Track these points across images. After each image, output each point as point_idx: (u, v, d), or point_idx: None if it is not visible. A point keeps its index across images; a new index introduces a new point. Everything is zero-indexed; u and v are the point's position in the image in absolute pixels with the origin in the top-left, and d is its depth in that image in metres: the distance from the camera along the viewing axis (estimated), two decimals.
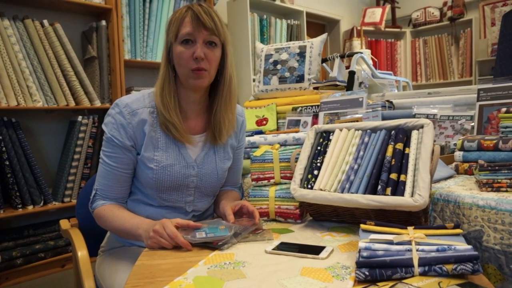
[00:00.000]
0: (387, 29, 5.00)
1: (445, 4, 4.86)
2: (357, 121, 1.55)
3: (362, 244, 0.74)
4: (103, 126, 1.09)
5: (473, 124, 1.44)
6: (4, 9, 2.22)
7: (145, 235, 0.97)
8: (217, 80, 1.12)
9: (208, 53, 1.05)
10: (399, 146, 0.95)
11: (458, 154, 1.22)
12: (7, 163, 2.12)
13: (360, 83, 2.37)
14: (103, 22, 2.52)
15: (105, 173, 1.08)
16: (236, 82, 1.15)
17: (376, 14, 4.91)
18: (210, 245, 0.90)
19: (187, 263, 0.82)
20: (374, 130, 1.03)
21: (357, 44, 4.63)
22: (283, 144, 1.54)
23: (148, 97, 1.11)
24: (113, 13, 2.52)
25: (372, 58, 2.99)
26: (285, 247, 0.87)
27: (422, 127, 0.97)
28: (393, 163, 0.93)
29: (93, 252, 1.24)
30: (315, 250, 0.84)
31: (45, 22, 2.31)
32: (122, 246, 1.18)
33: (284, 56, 2.15)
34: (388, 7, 5.02)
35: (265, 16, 3.65)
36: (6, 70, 2.11)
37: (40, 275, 2.25)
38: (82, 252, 1.10)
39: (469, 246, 0.68)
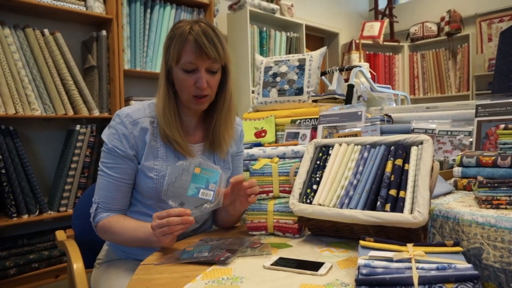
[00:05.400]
0: (385, 43, 5.05)
1: (442, 19, 4.92)
2: (356, 135, 1.55)
3: (361, 261, 0.73)
4: (104, 138, 1.08)
5: (471, 139, 1.45)
6: (5, 17, 2.22)
7: (155, 240, 0.96)
8: (216, 94, 1.13)
9: (210, 79, 1.05)
10: (399, 162, 0.95)
11: (457, 170, 1.21)
12: (3, 171, 2.10)
13: (359, 97, 2.38)
14: (104, 32, 2.53)
15: (107, 185, 1.07)
16: (235, 97, 1.16)
17: (374, 28, 4.96)
18: (211, 261, 0.89)
19: (184, 278, 0.81)
20: (373, 145, 1.03)
21: (355, 57, 4.66)
22: (282, 157, 1.54)
23: (149, 108, 1.11)
24: (113, 23, 2.53)
25: (370, 72, 3.01)
26: (283, 262, 0.86)
27: (421, 143, 0.97)
28: (392, 179, 0.93)
29: (88, 263, 1.23)
30: (313, 266, 0.83)
31: (46, 31, 2.31)
32: (118, 259, 1.16)
33: (283, 68, 2.16)
34: (386, 21, 5.07)
35: (264, 28, 3.68)
36: (5, 78, 2.11)
37: (33, 285, 2.22)
38: (78, 265, 1.09)
39: (470, 265, 0.67)
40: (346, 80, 2.33)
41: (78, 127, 2.37)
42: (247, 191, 1.03)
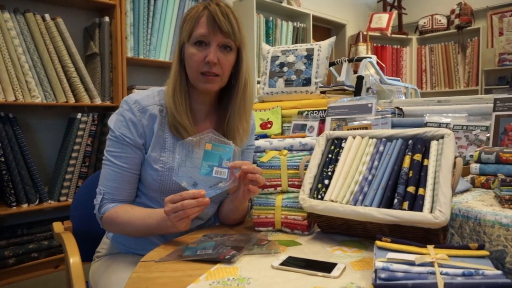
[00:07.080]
0: (393, 35, 4.95)
1: (452, 12, 4.81)
2: (366, 127, 1.49)
3: (379, 264, 0.67)
4: (111, 125, 1.02)
5: (488, 135, 1.38)
6: (5, 1, 2.16)
7: (169, 224, 0.90)
8: (230, 83, 1.07)
9: (222, 58, 0.99)
10: (417, 157, 0.89)
11: (475, 167, 1.15)
12: (3, 159, 2.05)
13: (368, 89, 2.31)
14: (106, 18, 2.47)
15: (113, 175, 1.01)
16: (252, 88, 1.09)
17: (382, 20, 4.86)
18: (215, 259, 0.83)
19: (186, 277, 0.75)
20: (389, 138, 0.97)
21: (362, 49, 4.58)
22: (289, 149, 1.48)
23: (158, 95, 1.05)
24: (116, 10, 2.46)
25: (379, 63, 2.93)
26: (293, 262, 0.80)
27: (442, 137, 0.91)
28: (410, 175, 0.87)
29: (87, 256, 1.18)
30: (326, 267, 0.77)
31: (47, 16, 2.25)
32: (118, 253, 1.12)
33: (291, 58, 2.09)
34: (395, 13, 4.97)
35: (271, 18, 3.59)
36: (5, 64, 2.05)
37: (33, 275, 2.19)
38: (74, 259, 1.04)
39: (499, 272, 0.62)
40: (354, 72, 2.26)
41: (79, 115, 2.32)
42: (248, 176, 0.93)
